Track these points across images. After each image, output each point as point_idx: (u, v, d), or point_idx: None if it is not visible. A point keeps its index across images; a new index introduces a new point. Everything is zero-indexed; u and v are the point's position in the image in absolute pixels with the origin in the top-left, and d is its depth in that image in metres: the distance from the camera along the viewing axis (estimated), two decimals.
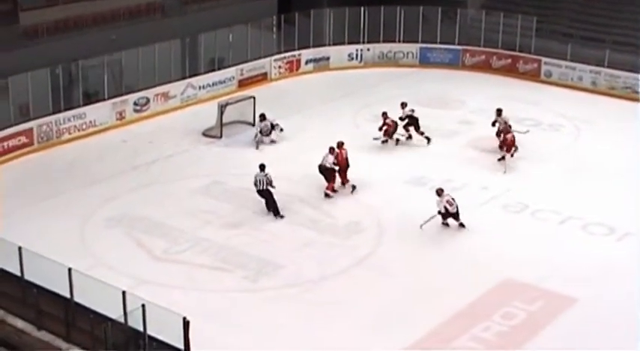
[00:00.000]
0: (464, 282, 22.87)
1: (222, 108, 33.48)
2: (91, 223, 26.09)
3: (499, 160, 30.17)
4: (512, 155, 29.98)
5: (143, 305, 18.23)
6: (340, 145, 28.30)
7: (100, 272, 21.21)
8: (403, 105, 32.91)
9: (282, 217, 26.44)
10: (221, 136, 33.18)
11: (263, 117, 32.84)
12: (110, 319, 18.61)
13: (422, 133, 32.31)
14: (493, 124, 31.75)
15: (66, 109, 33.06)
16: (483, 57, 42.31)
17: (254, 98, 34.49)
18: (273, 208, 26.50)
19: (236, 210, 27.10)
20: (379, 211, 27.02)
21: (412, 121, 32.26)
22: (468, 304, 21.83)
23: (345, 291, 22.71)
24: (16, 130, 31.16)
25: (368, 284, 23.01)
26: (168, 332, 18.93)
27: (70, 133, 32.88)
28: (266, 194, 26.55)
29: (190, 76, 37.62)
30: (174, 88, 36.69)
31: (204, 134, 33.55)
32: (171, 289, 21.85)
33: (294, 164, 30.16)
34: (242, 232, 25.65)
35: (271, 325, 21.04)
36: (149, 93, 35.69)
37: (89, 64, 34.68)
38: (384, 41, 42.72)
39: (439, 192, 25.49)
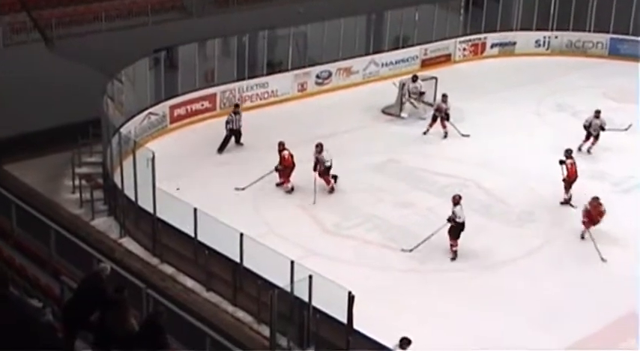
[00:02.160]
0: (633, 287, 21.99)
1: (403, 86, 33.35)
2: (265, 192, 26.41)
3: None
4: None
5: (310, 276, 18.36)
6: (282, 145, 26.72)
7: (270, 240, 21.47)
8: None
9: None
10: (400, 115, 33.06)
11: (415, 78, 32.92)
12: (277, 287, 18.82)
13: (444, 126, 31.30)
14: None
15: (249, 78, 33.60)
16: None
17: (436, 79, 34.19)
18: None
19: (410, 189, 26.99)
20: (554, 202, 26.41)
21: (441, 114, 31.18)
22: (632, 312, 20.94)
23: (511, 281, 22.33)
24: (200, 94, 31.86)
25: (536, 276, 22.54)
26: (332, 305, 19.11)
27: (251, 101, 33.40)
28: None
29: (374, 53, 37.61)
30: (357, 63, 36.75)
31: (384, 112, 33.50)
32: (339, 263, 21.93)
33: (470, 148, 29.83)
34: (414, 212, 25.51)
35: (434, 308, 20.89)
36: (332, 67, 35.86)
37: (275, 35, 35.14)
38: (574, 29, 41.62)
39: (456, 200, 23.25)
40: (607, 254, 23.39)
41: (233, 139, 29.72)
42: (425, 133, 31.23)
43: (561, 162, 26.12)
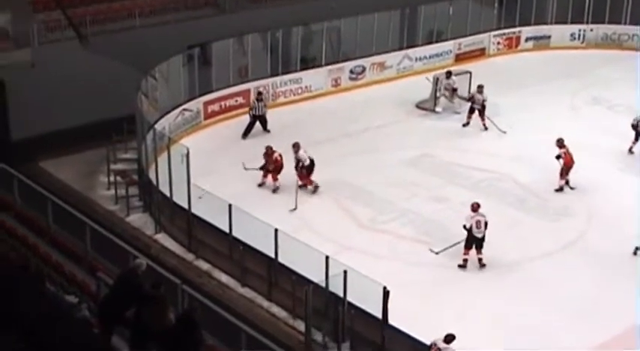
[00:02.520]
0: None
1: (437, 81, 33.25)
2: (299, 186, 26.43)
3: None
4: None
5: (345, 271, 18.35)
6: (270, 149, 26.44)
7: (305, 235, 21.47)
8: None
9: None
10: (434, 110, 32.96)
11: (449, 74, 32.94)
12: (312, 283, 18.82)
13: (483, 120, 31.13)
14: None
15: (283, 73, 33.62)
16: None
17: (470, 73, 34.06)
18: None
19: (444, 184, 26.90)
20: (590, 196, 26.24)
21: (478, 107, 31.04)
22: None
23: (547, 275, 22.19)
24: (234, 90, 31.90)
25: (572, 270, 22.37)
26: (367, 300, 19.10)
27: (285, 97, 33.44)
28: None
29: (408, 47, 37.50)
30: (391, 58, 36.67)
31: (418, 106, 33.42)
32: (373, 258, 21.89)
33: (505, 142, 29.74)
34: (448, 207, 25.39)
35: (470, 303, 20.82)
36: (365, 62, 35.81)
37: (308, 30, 35.14)
38: (609, 22, 41.24)
39: (475, 207, 22.49)
40: None
41: (260, 125, 30.33)
42: (465, 126, 31.22)
43: (557, 157, 26.27)
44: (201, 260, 23.10)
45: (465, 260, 22.31)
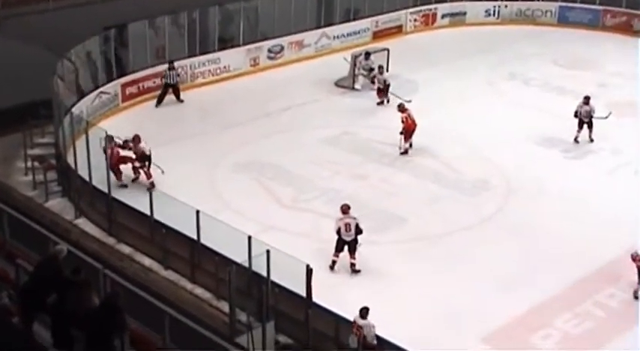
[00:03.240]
0: (591, 247, 22.24)
1: (355, 59, 33.36)
2: (220, 167, 26.39)
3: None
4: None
5: (268, 251, 18.36)
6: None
7: (227, 216, 21.42)
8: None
9: None
10: (353, 87, 33.08)
11: (368, 55, 33.08)
12: (235, 263, 18.80)
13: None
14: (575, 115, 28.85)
15: (201, 54, 33.44)
16: (624, 18, 41.16)
17: (388, 50, 34.25)
18: None
19: (364, 162, 27.07)
20: (507, 170, 26.61)
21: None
22: (595, 270, 21.33)
23: (469, 248, 22.46)
24: (151, 72, 31.63)
25: (493, 243, 22.69)
26: (291, 279, 19.14)
27: (204, 77, 33.29)
28: None
29: (325, 26, 37.56)
30: (309, 37, 36.72)
31: (337, 84, 33.51)
32: (296, 237, 21.96)
33: (424, 118, 29.85)
34: (369, 184, 25.60)
35: (394, 278, 20.97)
36: (284, 41, 35.80)
37: (226, 10, 34.94)
38: None
39: (344, 210, 21.45)
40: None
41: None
42: (379, 104, 31.38)
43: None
44: (122, 244, 22.90)
45: (334, 262, 21.31)
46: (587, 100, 28.33)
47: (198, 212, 20.49)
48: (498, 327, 19.07)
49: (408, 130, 27.23)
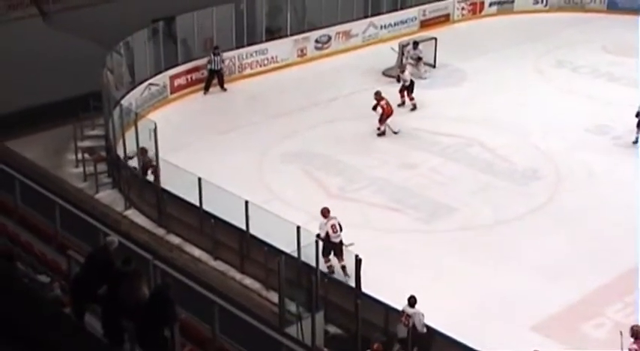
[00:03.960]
0: None
1: (403, 48, 33.24)
2: (269, 158, 26.44)
3: None
4: None
5: (317, 241, 18.38)
6: None
7: (275, 206, 21.49)
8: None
9: None
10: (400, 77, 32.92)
11: (416, 45, 32.91)
12: (284, 253, 18.85)
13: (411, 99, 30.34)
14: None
15: (249, 45, 33.49)
16: None
17: (435, 39, 34.10)
18: None
19: (412, 151, 26.98)
20: (557, 158, 26.39)
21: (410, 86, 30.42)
22: None
23: (518, 238, 22.37)
24: (200, 63, 31.72)
25: (542, 233, 22.56)
26: (339, 269, 19.12)
27: (251, 68, 33.30)
28: None
29: (372, 16, 37.40)
30: (356, 26, 36.57)
31: (385, 74, 33.40)
32: (345, 227, 21.92)
33: (472, 107, 29.80)
34: (418, 174, 25.53)
35: (443, 268, 20.94)
36: (331, 31, 35.69)
37: (273, 1, 34.96)
38: None
39: (324, 213, 20.79)
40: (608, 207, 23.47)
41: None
42: (400, 106, 29.81)
43: (374, 108, 27.73)
44: (172, 235, 23.05)
45: (330, 266, 20.54)
46: None
47: (247, 202, 20.56)
48: (549, 316, 18.98)
49: (389, 115, 27.74)
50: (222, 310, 14.12)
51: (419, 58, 32.71)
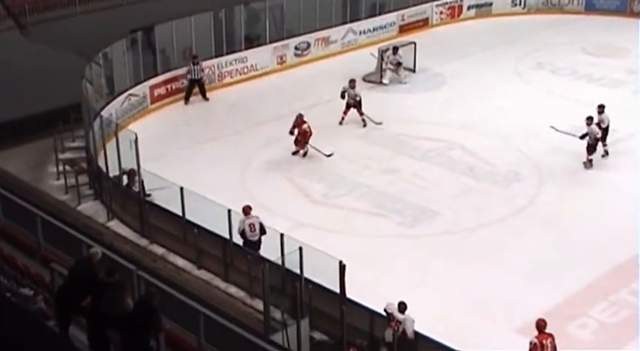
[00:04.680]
0: (625, 235, 22.04)
1: (382, 53, 33.32)
2: (251, 166, 26.44)
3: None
4: None
5: (300, 248, 18.36)
6: None
7: (258, 214, 21.41)
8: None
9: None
10: (381, 82, 33.03)
11: (396, 50, 32.99)
12: (268, 261, 18.82)
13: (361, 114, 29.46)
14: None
15: (228, 53, 33.48)
16: None
17: (415, 44, 34.18)
18: None
19: (394, 156, 27.02)
20: (540, 160, 26.47)
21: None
22: (629, 259, 21.17)
23: (501, 240, 22.42)
24: (179, 72, 31.70)
25: (525, 234, 22.63)
26: (324, 275, 19.10)
27: (231, 77, 33.33)
28: None
29: (351, 21, 37.49)
30: (335, 33, 36.68)
31: (365, 79, 33.44)
32: (328, 233, 21.97)
33: (453, 111, 29.86)
34: (400, 178, 25.55)
35: (427, 272, 20.94)
36: (310, 37, 35.78)
37: (251, 9, 34.97)
38: None
39: (246, 210, 20.87)
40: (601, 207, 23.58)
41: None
42: (340, 123, 29.46)
43: (291, 132, 26.88)
44: (155, 245, 22.95)
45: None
46: (601, 109, 26.33)
47: (229, 211, 20.52)
48: (533, 317, 18.95)
49: (309, 138, 26.85)
50: (207, 319, 14.08)
51: (399, 63, 32.80)
